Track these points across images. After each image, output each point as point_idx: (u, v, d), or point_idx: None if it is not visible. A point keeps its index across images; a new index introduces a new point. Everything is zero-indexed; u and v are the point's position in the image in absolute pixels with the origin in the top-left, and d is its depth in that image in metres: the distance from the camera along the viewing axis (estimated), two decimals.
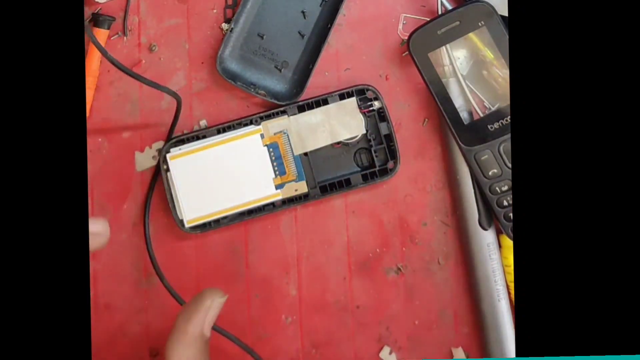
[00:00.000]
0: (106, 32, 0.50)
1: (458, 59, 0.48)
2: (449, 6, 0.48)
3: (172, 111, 0.48)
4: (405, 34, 0.50)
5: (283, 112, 0.49)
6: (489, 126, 0.47)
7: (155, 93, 0.49)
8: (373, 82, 0.50)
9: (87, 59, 0.50)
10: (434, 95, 0.48)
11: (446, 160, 0.50)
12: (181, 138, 0.49)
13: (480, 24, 0.47)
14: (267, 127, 0.49)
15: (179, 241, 0.50)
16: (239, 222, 0.49)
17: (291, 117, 0.49)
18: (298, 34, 0.50)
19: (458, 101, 0.48)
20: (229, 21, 0.50)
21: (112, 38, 0.50)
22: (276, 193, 0.49)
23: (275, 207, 0.49)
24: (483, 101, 0.48)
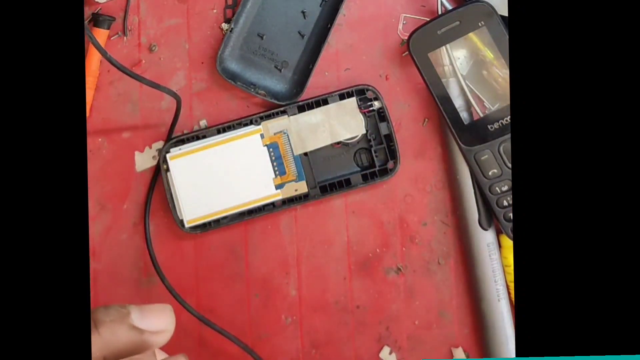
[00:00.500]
0: (106, 32, 0.50)
1: (458, 59, 0.48)
2: (449, 6, 0.48)
3: (172, 111, 0.48)
4: (405, 34, 0.50)
5: (283, 112, 0.49)
6: (489, 126, 0.47)
7: (155, 93, 0.49)
8: (373, 82, 0.50)
9: (87, 59, 0.50)
10: (434, 95, 0.47)
11: (446, 160, 0.50)
12: (181, 138, 0.49)
13: (480, 24, 0.47)
14: (267, 127, 0.49)
15: (179, 241, 0.50)
16: (239, 222, 0.49)
17: (291, 117, 0.49)
18: (298, 34, 0.50)
19: (458, 101, 0.48)
20: (229, 21, 0.50)
21: (112, 38, 0.50)
22: (276, 193, 0.49)
23: (275, 207, 0.49)
24: (483, 101, 0.48)
